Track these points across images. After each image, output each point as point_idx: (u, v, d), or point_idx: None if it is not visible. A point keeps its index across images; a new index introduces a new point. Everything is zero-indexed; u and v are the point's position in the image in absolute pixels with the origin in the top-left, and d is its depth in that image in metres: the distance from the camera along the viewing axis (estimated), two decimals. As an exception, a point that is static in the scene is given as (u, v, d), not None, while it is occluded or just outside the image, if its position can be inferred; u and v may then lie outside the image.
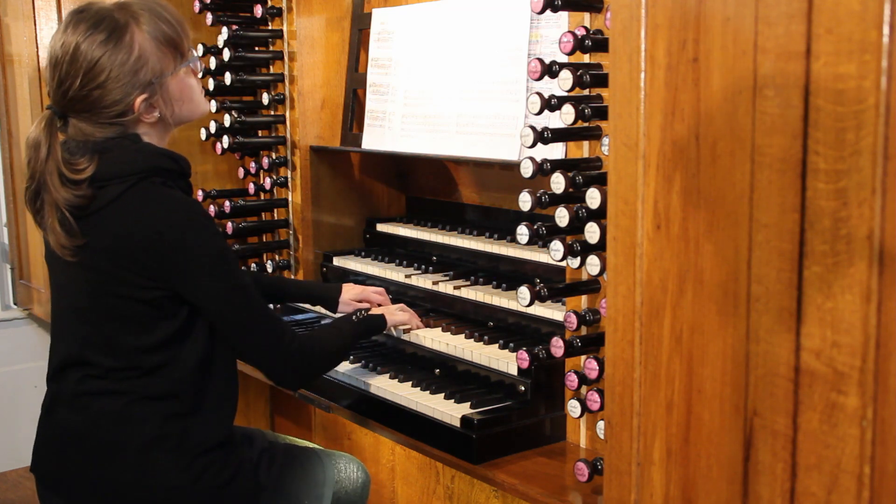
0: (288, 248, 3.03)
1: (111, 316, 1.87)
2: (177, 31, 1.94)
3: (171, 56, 1.92)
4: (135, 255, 1.82)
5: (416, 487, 2.76)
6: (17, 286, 4.24)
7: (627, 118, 1.48)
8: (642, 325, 1.49)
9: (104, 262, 1.84)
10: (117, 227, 1.83)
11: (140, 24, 1.88)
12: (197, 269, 1.85)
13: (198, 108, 2.02)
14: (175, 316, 1.87)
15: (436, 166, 2.92)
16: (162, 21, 1.91)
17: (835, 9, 1.18)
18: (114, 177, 1.84)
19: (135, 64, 1.86)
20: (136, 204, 1.83)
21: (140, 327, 1.86)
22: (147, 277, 1.83)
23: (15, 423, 4.15)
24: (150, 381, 1.88)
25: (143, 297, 1.84)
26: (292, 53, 2.92)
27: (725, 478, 1.39)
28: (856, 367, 1.19)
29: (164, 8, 1.94)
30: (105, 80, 1.84)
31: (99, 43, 1.84)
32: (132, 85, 1.87)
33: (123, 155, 1.87)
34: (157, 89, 1.90)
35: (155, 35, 1.89)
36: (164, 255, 1.82)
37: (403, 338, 2.42)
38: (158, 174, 1.87)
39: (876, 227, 1.15)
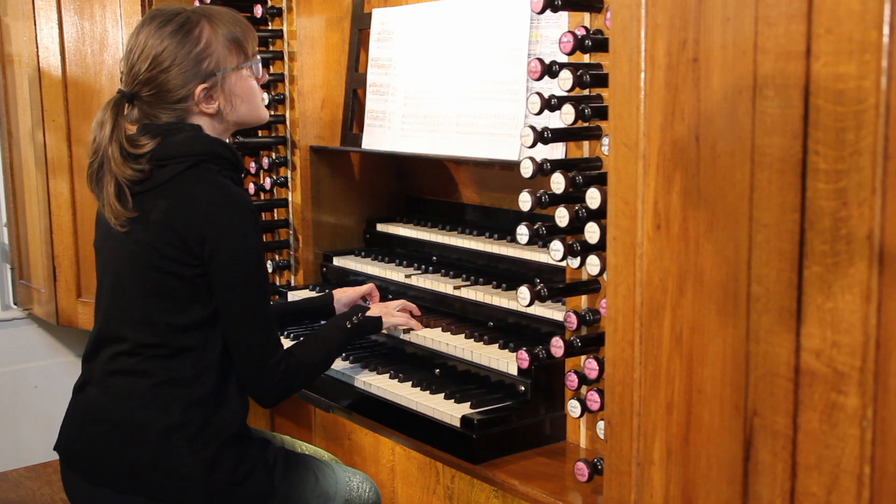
0: (288, 248, 3.03)
1: (150, 290, 1.92)
2: (244, 34, 2.07)
3: (236, 54, 2.05)
4: (179, 231, 1.89)
5: (416, 487, 2.76)
6: (17, 286, 4.24)
7: (627, 118, 1.48)
8: (642, 325, 1.49)
9: (151, 235, 1.91)
10: (169, 203, 1.91)
11: (212, 22, 2.03)
12: (228, 260, 1.90)
13: (257, 112, 2.12)
14: (210, 300, 1.93)
15: (436, 166, 2.92)
16: (232, 23, 2.06)
17: (835, 9, 1.18)
18: (173, 157, 1.95)
19: (199, 54, 1.99)
20: (190, 184, 1.92)
21: (176, 305, 1.92)
22: (189, 254, 1.89)
23: (15, 423, 4.15)
24: (177, 364, 1.92)
25: (182, 274, 1.90)
26: (292, 53, 2.92)
27: (725, 478, 1.39)
28: (856, 367, 1.19)
29: (236, 15, 2.09)
30: (170, 66, 1.97)
31: (168, 33, 1.98)
32: (194, 73, 1.98)
33: (184, 139, 1.98)
34: (219, 82, 2.01)
35: (223, 33, 2.03)
36: (204, 238, 1.89)
37: (403, 337, 2.42)
38: (214, 161, 1.97)
39: (876, 227, 1.15)
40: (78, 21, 3.54)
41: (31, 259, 4.00)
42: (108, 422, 1.95)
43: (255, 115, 2.12)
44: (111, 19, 3.42)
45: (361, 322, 2.29)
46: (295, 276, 3.03)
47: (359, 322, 2.28)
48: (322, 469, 2.20)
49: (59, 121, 3.61)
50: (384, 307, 2.41)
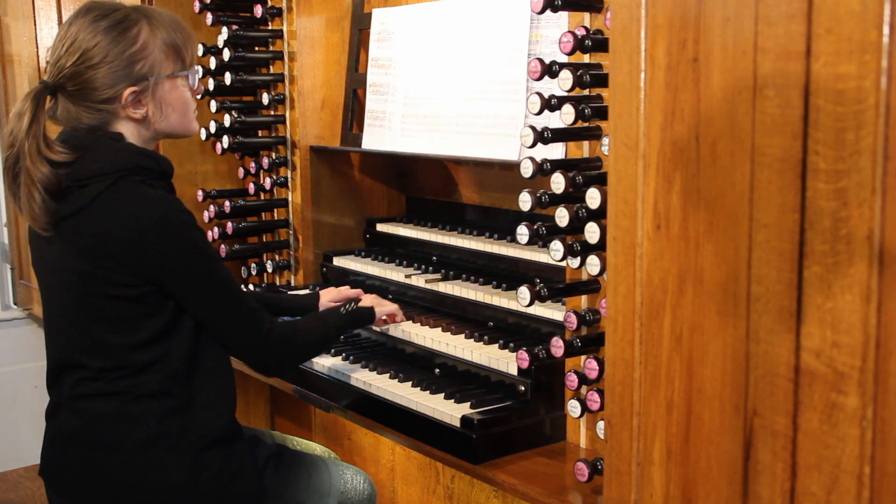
0: (288, 248, 3.03)
1: (97, 317, 1.88)
2: (185, 42, 1.99)
3: (173, 61, 1.96)
4: (115, 253, 1.83)
5: (416, 487, 2.76)
6: (17, 286, 4.24)
7: (627, 118, 1.48)
8: (642, 325, 1.49)
9: (86, 263, 1.85)
10: (97, 227, 1.84)
11: (152, 23, 1.94)
12: (177, 265, 1.86)
13: (187, 124, 2.03)
14: (161, 312, 1.88)
15: (436, 166, 2.92)
16: (173, 28, 1.97)
17: (835, 9, 1.18)
18: (94, 175, 1.86)
19: (133, 55, 1.90)
20: (114, 203, 1.84)
21: (127, 325, 1.87)
22: (129, 275, 1.84)
23: (15, 423, 4.15)
24: (142, 380, 1.89)
25: (128, 295, 1.85)
26: (292, 53, 2.92)
27: (725, 478, 1.39)
28: (856, 367, 1.19)
29: (178, 21, 2.00)
30: (99, 63, 1.88)
31: (103, 29, 1.89)
32: (125, 74, 1.89)
33: (104, 153, 1.89)
34: (150, 87, 1.93)
35: (163, 37, 1.94)
36: (144, 252, 1.83)
37: (403, 337, 2.42)
38: (138, 173, 1.88)
39: (876, 227, 1.15)
40: (78, 21, 3.53)
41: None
42: (86, 444, 1.92)
43: (185, 127, 2.03)
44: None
45: (356, 310, 2.31)
46: (295, 277, 3.03)
47: (354, 309, 2.30)
48: (315, 465, 2.20)
49: (59, 121, 3.60)
50: (374, 298, 2.42)
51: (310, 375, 2.45)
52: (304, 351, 2.14)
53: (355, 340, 2.57)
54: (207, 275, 1.91)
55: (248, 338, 1.99)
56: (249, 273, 3.09)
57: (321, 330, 2.20)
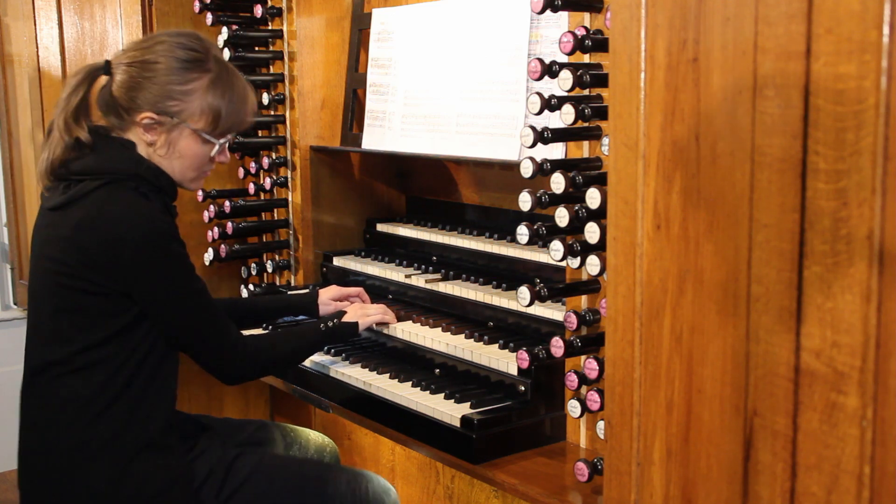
0: (288, 248, 3.03)
1: (62, 307, 1.91)
2: (231, 116, 2.01)
3: (207, 122, 2.00)
4: (91, 252, 1.86)
5: (416, 487, 2.76)
6: (17, 286, 4.24)
7: (627, 118, 1.48)
8: (642, 325, 1.49)
9: (62, 252, 1.89)
10: (80, 220, 1.87)
11: (216, 82, 1.99)
12: (153, 278, 1.89)
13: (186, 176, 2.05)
14: (122, 314, 1.90)
15: (436, 166, 2.92)
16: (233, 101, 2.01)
17: (835, 9, 1.18)
18: (92, 171, 1.91)
19: (174, 92, 1.95)
20: (102, 203, 1.88)
21: (87, 321, 1.90)
22: (100, 275, 1.87)
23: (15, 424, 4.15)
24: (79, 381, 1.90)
25: (94, 291, 1.88)
26: (292, 53, 2.92)
27: (725, 478, 1.39)
28: (856, 367, 1.19)
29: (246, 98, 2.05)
30: (149, 78, 1.95)
31: (175, 57, 1.95)
32: (155, 101, 1.95)
33: (109, 153, 1.95)
34: (168, 126, 1.97)
35: (213, 99, 1.98)
36: (119, 259, 1.86)
37: (402, 338, 2.42)
38: (134, 180, 1.92)
39: (876, 227, 1.15)
40: (78, 21, 3.53)
41: (31, 259, 4.00)
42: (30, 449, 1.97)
43: (181, 178, 2.05)
44: (111, 19, 3.41)
45: (336, 327, 2.29)
46: (295, 277, 3.03)
47: (334, 326, 2.28)
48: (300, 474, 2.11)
49: (59, 121, 3.60)
50: (360, 310, 2.41)
51: (310, 375, 2.45)
52: (269, 365, 2.16)
53: (355, 340, 2.57)
54: (182, 290, 1.93)
55: (215, 352, 2.01)
56: (249, 273, 3.09)
57: (293, 345, 2.20)
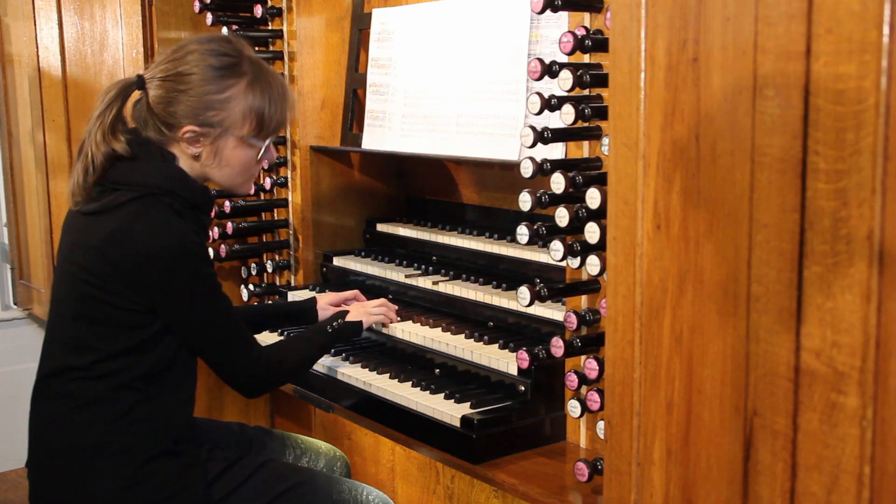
0: (288, 248, 3.03)
1: (85, 316, 1.90)
2: (274, 115, 1.99)
3: (251, 126, 1.98)
4: (118, 265, 1.85)
5: (416, 487, 2.76)
6: (17, 286, 4.24)
7: (627, 118, 1.48)
8: (642, 325, 1.49)
9: (88, 260, 1.87)
10: (111, 233, 1.86)
11: (254, 83, 1.96)
12: (180, 296, 1.88)
13: (237, 183, 2.04)
14: (145, 327, 1.89)
15: (436, 166, 2.92)
16: (274, 98, 1.99)
17: (835, 9, 1.18)
18: (127, 183, 1.89)
19: (212, 102, 1.92)
20: (134, 217, 1.87)
21: (109, 332, 1.88)
22: (126, 288, 1.86)
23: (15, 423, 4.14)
24: (97, 385, 1.89)
25: (114, 303, 1.87)
26: (292, 53, 2.92)
27: (725, 478, 1.39)
28: (856, 367, 1.19)
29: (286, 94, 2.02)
30: (184, 90, 1.91)
31: (208, 65, 1.92)
32: (195, 113, 1.92)
33: (147, 166, 1.92)
34: (212, 136, 1.94)
35: (253, 101, 1.96)
36: (148, 275, 1.85)
37: (402, 337, 2.41)
38: (169, 196, 1.90)
39: (876, 227, 1.15)
40: (78, 21, 3.54)
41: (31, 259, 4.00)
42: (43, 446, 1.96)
43: (232, 185, 2.05)
44: (111, 19, 3.42)
45: (343, 326, 2.29)
46: (295, 276, 3.03)
47: (339, 327, 2.28)
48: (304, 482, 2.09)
49: (59, 121, 3.61)
50: (362, 308, 2.40)
51: (310, 376, 2.45)
52: (288, 374, 2.15)
53: (355, 340, 2.57)
54: (208, 308, 1.92)
55: (238, 366, 2.00)
56: (249, 273, 3.09)
57: (306, 350, 2.19)
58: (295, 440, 2.39)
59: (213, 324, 1.94)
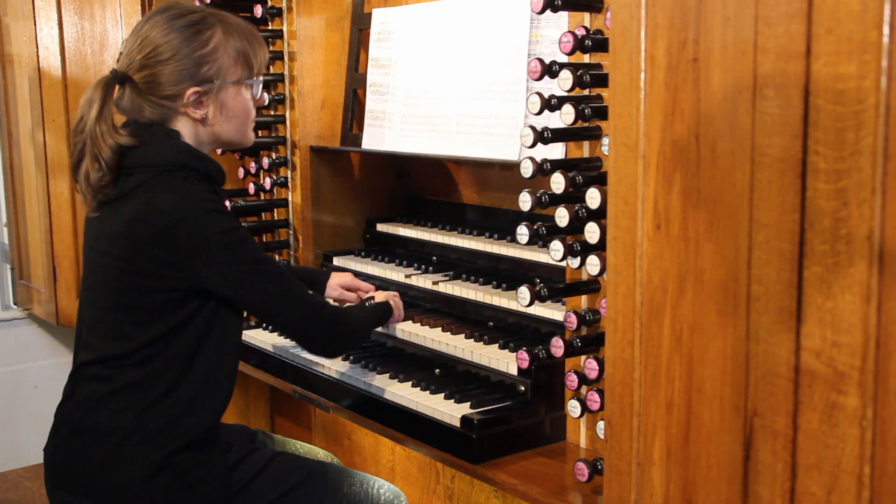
0: (288, 248, 3.03)
1: (120, 304, 1.90)
2: (255, 51, 2.02)
3: (242, 68, 2.00)
4: (147, 243, 1.85)
5: (416, 487, 2.76)
6: (17, 286, 4.24)
7: (627, 118, 1.48)
8: (642, 325, 1.49)
9: (119, 248, 1.88)
10: (132, 214, 1.87)
11: (226, 29, 1.98)
12: (213, 255, 1.86)
13: (243, 133, 2.06)
14: (180, 309, 1.89)
15: (436, 166, 2.92)
16: (246, 36, 2.01)
17: (835, 9, 1.18)
18: (140, 165, 1.90)
19: (203, 57, 1.94)
20: (152, 193, 1.88)
21: (146, 317, 1.89)
22: (161, 266, 1.86)
23: (15, 423, 4.15)
24: (136, 371, 1.89)
25: (154, 286, 1.87)
26: (292, 53, 2.92)
27: (725, 478, 1.39)
28: (856, 367, 1.19)
29: (252, 30, 2.05)
30: (168, 59, 1.92)
31: (178, 27, 1.93)
32: (191, 74, 1.93)
33: (156, 146, 1.93)
34: (214, 90, 1.96)
35: (234, 44, 1.98)
36: (178, 245, 1.84)
37: (402, 337, 2.42)
38: (182, 170, 1.91)
39: (876, 227, 1.15)
40: (78, 21, 3.54)
41: (31, 259, 4.00)
42: (69, 426, 1.95)
43: (241, 136, 2.06)
44: (111, 19, 3.42)
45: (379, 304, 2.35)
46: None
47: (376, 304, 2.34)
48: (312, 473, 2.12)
49: (59, 121, 3.61)
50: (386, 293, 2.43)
51: (310, 375, 2.45)
52: (354, 335, 2.19)
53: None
54: (253, 262, 1.90)
55: (303, 319, 2.00)
56: (249, 273, 3.09)
57: (365, 318, 2.25)
58: (294, 445, 2.40)
59: (257, 275, 1.91)
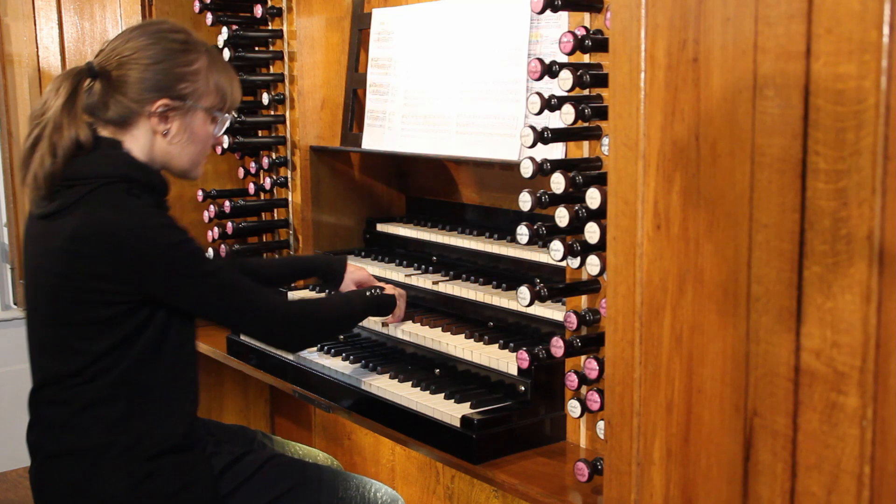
0: (288, 248, 3.03)
1: (67, 320, 1.86)
2: (233, 91, 2.03)
3: (216, 99, 1.99)
4: (91, 259, 1.81)
5: (416, 487, 2.76)
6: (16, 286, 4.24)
7: (627, 118, 1.48)
8: (642, 325, 1.49)
9: (61, 265, 1.84)
10: (73, 230, 1.82)
11: (212, 61, 1.99)
12: (162, 270, 1.84)
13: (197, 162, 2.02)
14: (129, 320, 1.85)
15: (436, 166, 2.92)
16: (227, 75, 2.02)
17: (835, 9, 1.18)
18: (81, 178, 1.86)
19: (184, 74, 1.93)
20: (93, 208, 1.83)
21: (94, 331, 1.85)
22: (106, 282, 1.82)
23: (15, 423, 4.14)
24: (91, 388, 1.87)
25: (98, 301, 1.83)
26: (292, 53, 2.92)
27: (725, 478, 1.39)
28: (856, 367, 1.19)
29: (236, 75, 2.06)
30: (150, 64, 1.90)
31: (167, 40, 1.92)
32: (167, 86, 1.91)
33: (98, 158, 1.89)
34: (183, 110, 1.94)
35: (216, 77, 1.98)
36: (124, 260, 1.81)
37: (402, 337, 2.42)
38: (124, 181, 1.87)
39: (876, 227, 1.15)
40: (78, 21, 3.54)
41: (31, 259, 4.00)
42: (43, 452, 1.94)
43: (193, 166, 2.02)
44: (111, 19, 3.41)
45: (381, 295, 2.31)
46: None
47: (378, 294, 2.31)
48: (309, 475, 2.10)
49: (59, 121, 3.60)
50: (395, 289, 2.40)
51: (310, 375, 2.45)
52: (322, 326, 2.14)
53: (355, 340, 2.57)
54: (194, 274, 1.87)
55: (257, 323, 1.98)
56: (249, 273, 3.09)
57: (345, 308, 2.20)
58: (293, 447, 2.40)
59: (204, 287, 1.89)
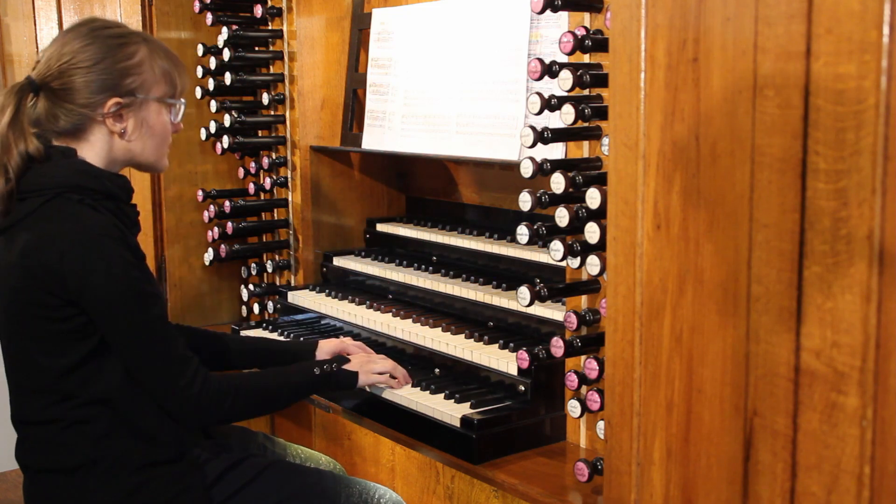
0: (288, 248, 3.03)
1: (27, 336, 1.83)
2: (179, 73, 1.98)
3: (165, 86, 1.95)
4: (39, 274, 1.76)
5: (416, 487, 2.75)
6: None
7: (627, 118, 1.48)
8: (642, 325, 1.49)
9: (14, 280, 1.80)
10: (24, 245, 1.78)
11: (151, 48, 1.94)
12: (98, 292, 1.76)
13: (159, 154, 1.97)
14: (90, 336, 1.80)
15: (436, 166, 2.92)
16: (169, 58, 1.97)
17: (835, 9, 1.18)
18: (34, 189, 1.81)
19: (127, 69, 1.88)
20: (44, 220, 1.79)
21: (54, 348, 1.81)
22: (55, 296, 1.77)
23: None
24: (71, 406, 1.83)
25: (54, 317, 1.78)
26: (292, 53, 2.92)
27: (725, 478, 1.39)
28: (856, 367, 1.19)
29: (173, 53, 2.00)
30: (91, 66, 1.85)
31: (101, 37, 1.87)
32: (114, 84, 1.87)
33: (49, 169, 1.83)
34: (136, 103, 1.90)
35: (160, 63, 1.93)
36: (65, 275, 1.75)
37: (402, 337, 2.41)
38: (77, 192, 1.81)
39: (876, 227, 1.15)
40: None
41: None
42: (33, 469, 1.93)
43: (157, 158, 1.97)
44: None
45: (334, 373, 2.12)
46: (295, 277, 3.03)
47: (330, 371, 2.11)
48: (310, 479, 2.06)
49: (59, 121, 3.60)
50: (366, 360, 2.21)
51: (310, 375, 2.45)
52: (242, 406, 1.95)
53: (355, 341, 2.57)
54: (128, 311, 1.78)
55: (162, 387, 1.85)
56: (249, 273, 3.09)
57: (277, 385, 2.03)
58: (295, 450, 2.38)
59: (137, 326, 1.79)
